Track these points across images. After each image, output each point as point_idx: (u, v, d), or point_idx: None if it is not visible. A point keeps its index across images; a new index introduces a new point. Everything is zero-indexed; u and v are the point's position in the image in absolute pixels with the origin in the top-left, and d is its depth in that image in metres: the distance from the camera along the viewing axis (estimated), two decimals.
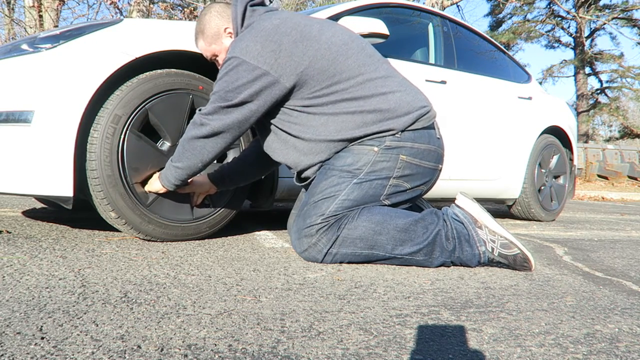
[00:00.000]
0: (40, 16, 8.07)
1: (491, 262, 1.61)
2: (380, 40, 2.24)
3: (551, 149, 3.51)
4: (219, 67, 1.72)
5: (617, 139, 20.70)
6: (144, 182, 1.74)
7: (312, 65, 1.51)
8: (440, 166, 1.70)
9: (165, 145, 1.79)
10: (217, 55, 1.72)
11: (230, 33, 1.67)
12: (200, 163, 1.60)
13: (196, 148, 1.57)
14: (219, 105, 1.52)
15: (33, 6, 8.05)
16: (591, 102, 19.58)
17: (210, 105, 1.54)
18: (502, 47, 3.63)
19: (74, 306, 0.98)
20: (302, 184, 1.79)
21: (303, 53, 1.50)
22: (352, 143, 1.60)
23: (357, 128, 1.57)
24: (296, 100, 1.56)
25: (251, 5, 1.66)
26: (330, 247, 1.53)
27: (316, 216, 1.54)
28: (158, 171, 1.74)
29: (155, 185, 1.70)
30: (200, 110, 1.57)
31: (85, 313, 0.94)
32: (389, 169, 1.58)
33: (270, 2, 1.72)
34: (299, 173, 1.73)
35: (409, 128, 1.59)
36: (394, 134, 1.58)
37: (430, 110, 1.66)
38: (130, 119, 1.67)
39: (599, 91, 19.65)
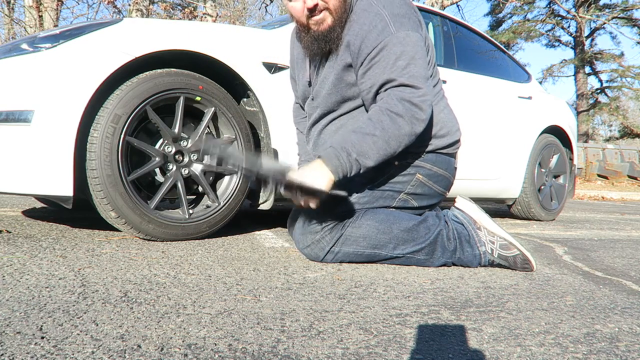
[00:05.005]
0: (40, 16, 8.08)
1: (492, 265, 1.61)
2: None
3: (551, 148, 3.51)
4: (310, 20, 1.46)
5: (617, 138, 20.70)
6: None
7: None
8: (447, 193, 1.74)
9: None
10: (327, 2, 1.42)
11: None
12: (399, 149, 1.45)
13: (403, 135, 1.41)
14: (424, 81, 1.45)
15: (33, 6, 8.05)
16: (591, 101, 19.58)
17: (418, 85, 1.41)
18: (502, 46, 3.63)
19: (74, 306, 0.98)
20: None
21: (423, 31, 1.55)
22: None
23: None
24: None
25: None
26: (333, 245, 1.53)
27: None
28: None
29: (322, 178, 1.37)
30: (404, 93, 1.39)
31: (85, 312, 0.94)
32: (402, 184, 1.61)
33: None
34: None
35: (437, 150, 1.62)
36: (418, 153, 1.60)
37: (460, 138, 1.69)
38: (130, 118, 1.67)
39: (599, 91, 19.63)
